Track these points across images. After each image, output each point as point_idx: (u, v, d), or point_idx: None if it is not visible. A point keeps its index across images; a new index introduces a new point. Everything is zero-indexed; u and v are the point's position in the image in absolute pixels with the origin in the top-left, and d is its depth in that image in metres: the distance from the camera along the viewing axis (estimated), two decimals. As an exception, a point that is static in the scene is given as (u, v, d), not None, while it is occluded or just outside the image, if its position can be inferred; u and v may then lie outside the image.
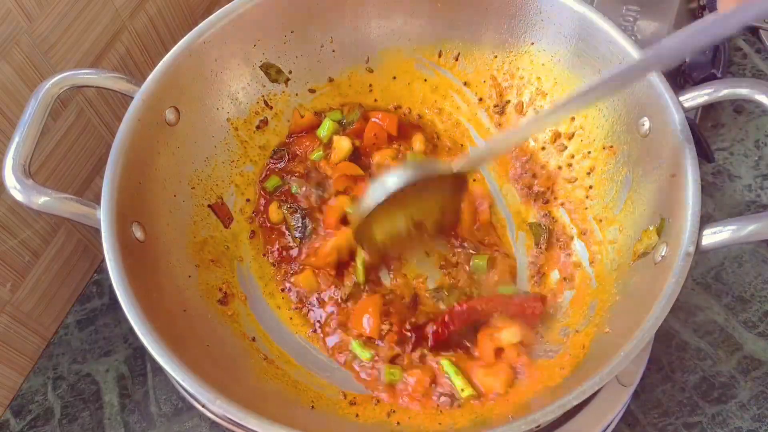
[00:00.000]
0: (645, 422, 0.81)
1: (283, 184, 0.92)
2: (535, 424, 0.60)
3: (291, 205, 0.89)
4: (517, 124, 0.93)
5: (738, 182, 0.96)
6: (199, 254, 0.83)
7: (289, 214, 0.88)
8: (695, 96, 0.74)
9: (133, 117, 0.76)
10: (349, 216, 0.86)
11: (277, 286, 0.86)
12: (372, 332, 0.80)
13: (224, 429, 0.75)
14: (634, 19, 1.01)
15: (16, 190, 0.69)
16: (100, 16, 0.86)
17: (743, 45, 1.09)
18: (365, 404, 0.76)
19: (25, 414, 0.86)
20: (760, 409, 0.81)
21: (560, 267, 0.84)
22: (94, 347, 0.90)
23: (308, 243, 0.87)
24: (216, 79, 0.87)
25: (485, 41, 0.92)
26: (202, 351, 0.73)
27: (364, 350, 0.79)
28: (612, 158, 0.84)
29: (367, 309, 0.81)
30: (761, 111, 1.02)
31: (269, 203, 0.90)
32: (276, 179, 0.91)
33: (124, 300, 0.66)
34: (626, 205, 0.80)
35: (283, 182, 0.92)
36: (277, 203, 0.90)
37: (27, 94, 0.76)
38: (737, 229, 0.66)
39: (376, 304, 0.81)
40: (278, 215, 0.89)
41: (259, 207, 0.91)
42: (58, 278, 0.90)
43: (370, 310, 0.81)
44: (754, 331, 0.86)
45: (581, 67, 0.85)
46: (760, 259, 0.90)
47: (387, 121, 0.94)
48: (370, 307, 0.81)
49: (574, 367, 0.72)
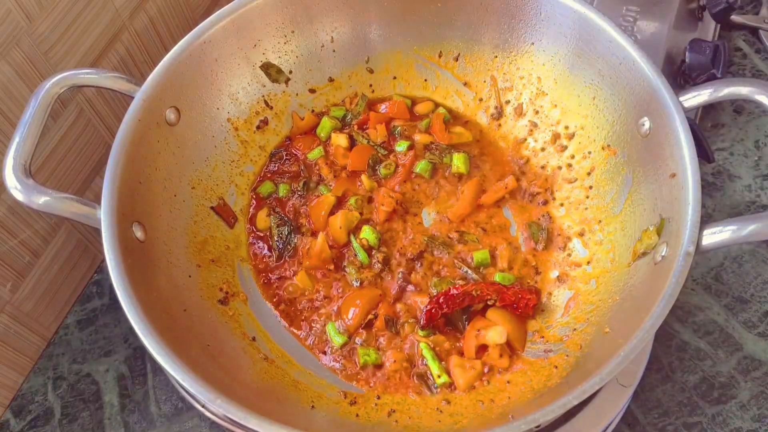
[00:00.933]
0: (645, 422, 0.81)
1: (276, 190, 0.91)
2: (535, 423, 0.60)
3: (281, 217, 0.88)
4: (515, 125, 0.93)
5: (738, 182, 0.96)
6: (200, 254, 0.83)
7: (275, 226, 0.87)
8: (695, 96, 0.74)
9: (133, 117, 0.76)
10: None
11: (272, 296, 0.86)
12: (352, 324, 0.81)
13: (224, 429, 0.75)
14: (634, 19, 1.01)
15: (16, 190, 0.69)
16: (100, 16, 0.86)
17: (743, 45, 1.09)
18: (365, 404, 0.76)
19: (25, 414, 0.86)
20: (760, 409, 0.81)
21: (559, 266, 0.84)
22: (94, 347, 0.90)
23: (289, 254, 0.87)
24: (216, 79, 0.87)
25: (485, 41, 0.92)
26: (202, 351, 0.73)
27: (338, 335, 0.80)
28: (612, 158, 0.84)
29: (354, 302, 0.82)
30: (761, 111, 1.02)
31: (259, 209, 0.90)
32: (270, 185, 0.91)
33: (124, 300, 0.66)
34: (626, 205, 0.80)
35: (276, 188, 0.91)
36: (267, 210, 0.89)
37: (27, 94, 0.76)
38: (737, 229, 0.66)
39: (366, 299, 0.82)
40: (266, 222, 0.88)
41: (249, 211, 0.91)
42: (58, 278, 0.90)
43: (358, 302, 0.81)
44: (754, 331, 0.86)
45: (581, 67, 0.85)
46: (760, 259, 0.90)
47: (395, 108, 0.94)
48: (359, 299, 0.82)
49: (572, 367, 0.72)
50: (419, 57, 0.96)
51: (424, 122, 0.95)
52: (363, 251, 0.85)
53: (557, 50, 0.87)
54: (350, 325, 0.81)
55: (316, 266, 0.85)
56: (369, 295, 0.82)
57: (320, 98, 0.96)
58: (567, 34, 0.85)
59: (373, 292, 0.83)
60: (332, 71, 0.96)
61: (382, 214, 0.87)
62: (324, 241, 0.85)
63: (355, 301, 0.82)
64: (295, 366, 0.79)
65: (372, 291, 0.83)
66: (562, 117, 0.90)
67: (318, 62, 0.95)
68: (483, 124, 0.95)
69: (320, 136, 0.94)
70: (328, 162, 0.93)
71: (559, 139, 0.90)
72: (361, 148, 0.93)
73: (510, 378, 0.76)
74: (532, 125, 0.92)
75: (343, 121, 0.96)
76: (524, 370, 0.76)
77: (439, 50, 0.95)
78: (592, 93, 0.85)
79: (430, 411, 0.75)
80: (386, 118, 0.95)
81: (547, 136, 0.91)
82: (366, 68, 0.96)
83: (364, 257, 0.85)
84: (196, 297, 0.79)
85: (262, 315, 0.83)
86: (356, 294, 0.83)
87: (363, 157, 0.92)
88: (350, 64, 0.96)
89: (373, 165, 0.91)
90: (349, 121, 0.96)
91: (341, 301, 0.83)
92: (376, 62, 0.96)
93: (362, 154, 0.92)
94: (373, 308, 0.82)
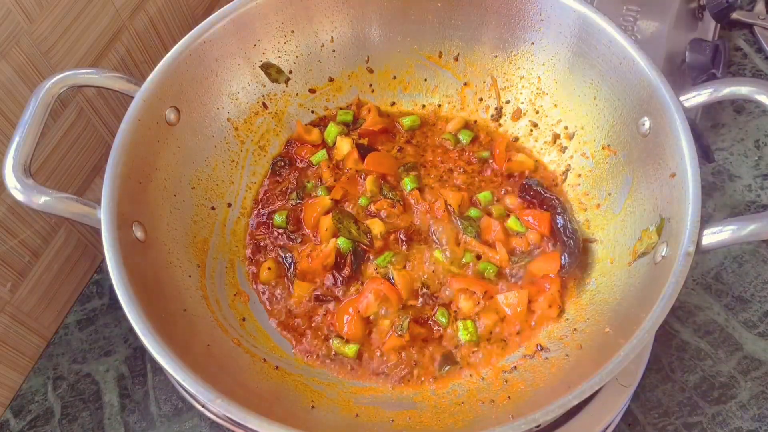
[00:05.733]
0: (645, 422, 0.81)
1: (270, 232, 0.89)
2: (535, 423, 0.60)
3: (282, 257, 0.86)
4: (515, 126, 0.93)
5: (738, 182, 0.96)
6: (200, 254, 0.83)
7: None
8: (695, 96, 0.74)
9: (133, 117, 0.76)
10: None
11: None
12: (353, 333, 0.80)
13: (224, 429, 0.75)
14: (634, 19, 1.01)
15: (16, 189, 0.69)
16: (100, 17, 0.86)
17: (743, 45, 1.09)
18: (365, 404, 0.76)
19: (25, 414, 0.86)
20: (760, 409, 0.81)
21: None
22: (94, 347, 0.90)
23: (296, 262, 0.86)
24: (216, 79, 0.87)
25: (485, 41, 0.92)
26: (202, 351, 0.73)
27: (346, 346, 0.80)
28: (612, 158, 0.84)
29: (347, 310, 0.81)
30: (761, 111, 1.02)
31: (259, 260, 0.87)
32: (282, 216, 0.89)
33: (124, 300, 0.66)
34: (626, 205, 0.80)
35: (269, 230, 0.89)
36: (271, 262, 0.86)
37: (27, 94, 0.76)
38: (737, 229, 0.66)
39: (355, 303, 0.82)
40: (269, 276, 0.85)
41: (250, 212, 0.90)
42: (58, 278, 0.90)
43: (350, 309, 0.81)
44: (754, 331, 0.86)
45: (581, 67, 0.85)
46: (760, 259, 0.90)
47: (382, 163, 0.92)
48: (350, 307, 0.81)
49: (572, 367, 0.72)
50: (419, 57, 0.95)
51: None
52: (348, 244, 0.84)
53: (557, 50, 0.87)
54: (351, 333, 0.80)
55: (317, 270, 0.85)
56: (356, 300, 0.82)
57: (320, 98, 0.96)
58: (567, 34, 0.85)
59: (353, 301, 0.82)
60: (332, 71, 0.96)
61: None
62: (334, 248, 0.84)
63: (347, 309, 0.81)
64: (295, 366, 0.79)
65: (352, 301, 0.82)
66: (562, 117, 0.90)
67: (318, 62, 0.95)
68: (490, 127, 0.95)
69: (327, 142, 0.94)
70: (330, 165, 0.92)
71: (559, 139, 0.90)
72: (378, 155, 0.92)
73: (510, 378, 0.76)
74: (532, 125, 0.92)
75: (350, 125, 0.96)
76: (524, 370, 0.76)
77: (439, 50, 0.95)
78: (592, 93, 0.85)
79: (430, 411, 0.75)
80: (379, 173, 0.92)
81: (547, 136, 0.91)
82: (366, 68, 0.96)
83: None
84: (197, 297, 0.79)
85: (262, 315, 0.83)
86: (347, 304, 0.82)
87: (382, 163, 0.92)
88: (350, 63, 0.96)
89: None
90: (359, 124, 0.95)
91: (335, 314, 0.82)
92: (376, 62, 0.96)
93: (380, 161, 0.92)
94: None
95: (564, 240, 0.83)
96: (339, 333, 0.81)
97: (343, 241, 0.84)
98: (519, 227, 0.85)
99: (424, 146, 0.95)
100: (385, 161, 0.92)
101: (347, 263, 0.84)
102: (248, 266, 0.87)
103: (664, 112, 0.74)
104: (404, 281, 0.82)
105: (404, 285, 0.82)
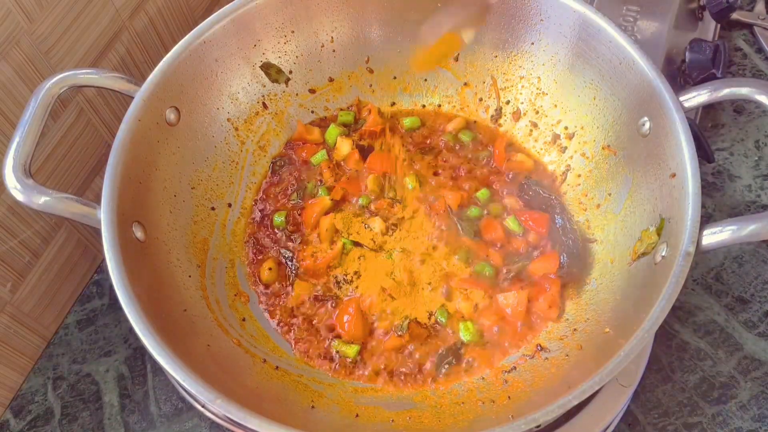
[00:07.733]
0: (645, 422, 0.81)
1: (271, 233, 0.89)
2: (535, 423, 0.60)
3: (284, 257, 0.87)
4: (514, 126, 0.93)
5: (738, 182, 0.96)
6: (200, 254, 0.83)
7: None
8: (695, 96, 0.74)
9: (133, 117, 0.76)
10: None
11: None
12: (353, 333, 0.80)
13: (224, 429, 0.75)
14: (634, 19, 1.01)
15: (16, 190, 0.69)
16: (100, 17, 0.86)
17: (743, 45, 1.09)
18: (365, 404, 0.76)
19: (25, 414, 0.86)
20: (760, 409, 0.81)
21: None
22: (94, 347, 0.90)
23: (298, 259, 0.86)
24: (216, 79, 0.87)
25: (485, 41, 0.92)
26: (202, 351, 0.73)
27: (348, 347, 0.80)
28: (612, 158, 0.84)
29: (347, 310, 0.81)
30: (761, 111, 1.01)
31: (259, 260, 0.87)
32: (281, 216, 0.89)
33: (124, 300, 0.66)
34: (626, 205, 0.80)
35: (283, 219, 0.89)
36: (272, 262, 0.86)
37: (27, 94, 0.76)
38: (737, 229, 0.66)
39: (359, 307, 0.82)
40: (269, 275, 0.85)
41: (250, 212, 0.90)
42: (58, 278, 0.90)
43: (351, 309, 0.81)
44: (754, 331, 0.86)
45: (581, 67, 0.85)
46: (760, 259, 0.90)
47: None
48: (351, 307, 0.81)
49: (572, 368, 0.72)
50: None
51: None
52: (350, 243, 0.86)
53: (557, 50, 0.87)
54: (351, 333, 0.80)
55: (321, 269, 0.85)
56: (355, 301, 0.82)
57: (320, 98, 0.96)
58: (567, 34, 0.85)
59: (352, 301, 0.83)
60: (332, 71, 0.96)
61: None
62: (341, 249, 0.85)
63: (347, 309, 0.82)
64: (295, 366, 0.79)
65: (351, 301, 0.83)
66: (562, 117, 0.90)
67: (318, 62, 0.95)
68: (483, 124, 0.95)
69: (327, 142, 0.95)
70: (330, 165, 0.92)
71: (559, 140, 0.90)
72: (378, 154, 0.93)
73: (510, 378, 0.76)
74: (532, 125, 0.92)
75: (350, 126, 0.96)
76: (524, 370, 0.76)
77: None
78: (592, 93, 0.85)
79: (430, 411, 0.75)
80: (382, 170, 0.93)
81: (547, 136, 0.91)
82: (366, 68, 0.96)
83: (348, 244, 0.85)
84: (197, 297, 0.79)
85: (262, 315, 0.83)
86: (346, 304, 0.82)
87: (382, 163, 0.92)
88: (350, 64, 0.96)
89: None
90: (359, 125, 0.95)
91: (335, 316, 0.82)
92: (376, 62, 0.96)
93: (381, 161, 0.92)
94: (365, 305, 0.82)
95: (563, 240, 0.83)
96: (339, 333, 0.81)
97: (348, 242, 0.85)
98: (517, 228, 0.85)
99: (424, 146, 0.95)
100: (386, 161, 0.92)
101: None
102: (248, 266, 0.87)
103: (664, 113, 0.74)
104: (404, 280, 0.83)
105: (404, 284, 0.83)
